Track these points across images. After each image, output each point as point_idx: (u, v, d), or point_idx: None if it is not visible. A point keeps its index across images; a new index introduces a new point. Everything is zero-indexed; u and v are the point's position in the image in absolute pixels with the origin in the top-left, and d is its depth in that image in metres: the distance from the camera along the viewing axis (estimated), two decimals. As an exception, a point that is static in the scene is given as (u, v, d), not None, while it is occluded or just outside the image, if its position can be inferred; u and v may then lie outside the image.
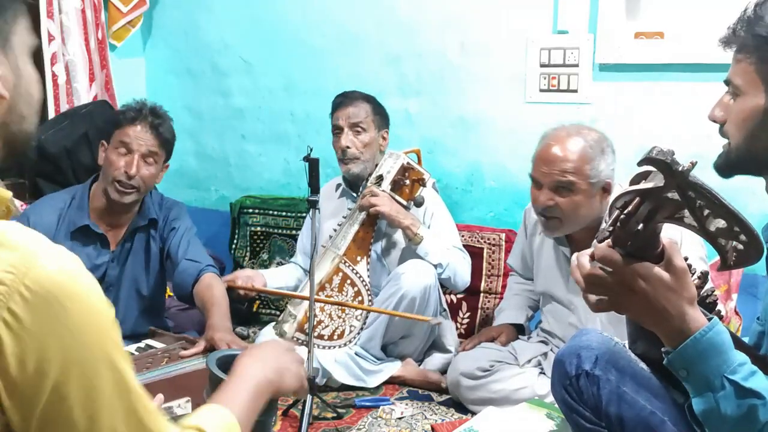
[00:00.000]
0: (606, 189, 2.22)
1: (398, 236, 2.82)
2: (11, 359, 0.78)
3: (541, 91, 3.00)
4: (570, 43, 2.91)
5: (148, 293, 2.59)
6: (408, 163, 2.78)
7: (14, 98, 0.96)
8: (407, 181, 2.77)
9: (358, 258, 2.77)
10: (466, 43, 3.14)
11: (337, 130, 2.86)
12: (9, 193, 0.92)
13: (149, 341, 2.38)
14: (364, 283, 2.75)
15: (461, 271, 2.73)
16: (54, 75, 3.29)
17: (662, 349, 1.14)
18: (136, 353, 2.26)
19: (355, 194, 2.90)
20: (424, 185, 2.79)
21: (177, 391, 2.00)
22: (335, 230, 2.84)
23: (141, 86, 3.99)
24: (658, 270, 1.08)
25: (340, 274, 2.74)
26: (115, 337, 0.87)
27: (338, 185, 2.99)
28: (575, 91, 2.91)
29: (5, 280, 0.79)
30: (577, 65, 2.92)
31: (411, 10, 3.23)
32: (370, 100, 2.90)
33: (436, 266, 2.66)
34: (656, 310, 1.10)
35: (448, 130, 3.23)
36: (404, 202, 2.76)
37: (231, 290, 2.66)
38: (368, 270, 2.78)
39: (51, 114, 3.29)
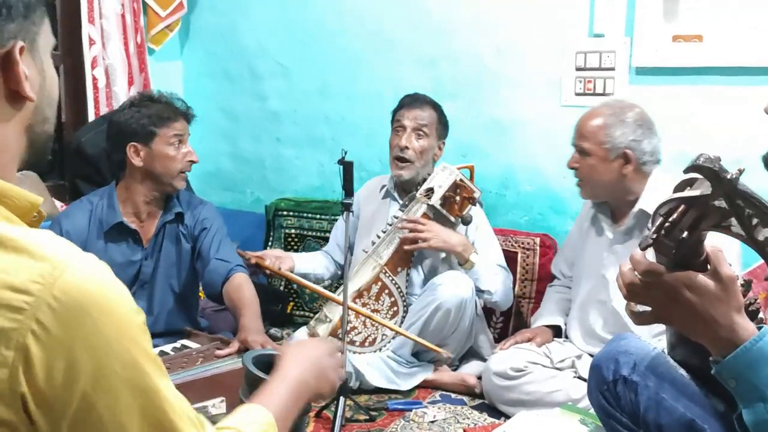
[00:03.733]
0: (627, 158, 2.33)
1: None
2: (39, 370, 0.78)
3: (577, 94, 2.99)
4: (606, 47, 2.90)
5: (181, 289, 2.62)
6: (461, 180, 2.73)
7: (40, 100, 0.95)
8: (457, 198, 2.73)
9: (399, 269, 2.76)
10: (502, 46, 3.13)
11: (399, 128, 2.83)
12: (40, 199, 0.91)
13: (185, 341, 2.42)
14: (401, 293, 2.74)
15: (508, 294, 2.77)
16: (94, 78, 3.34)
17: (710, 359, 1.12)
18: (172, 353, 2.29)
19: (401, 200, 2.88)
20: (474, 204, 2.75)
21: (212, 391, 2.02)
22: (379, 237, 2.81)
23: (178, 89, 4.02)
24: (704, 279, 1.06)
25: (380, 283, 2.74)
26: (145, 345, 0.86)
27: (383, 186, 2.97)
28: (611, 94, 2.88)
29: (33, 291, 0.78)
30: (613, 69, 2.90)
31: (446, 13, 3.24)
32: (437, 107, 2.87)
33: (484, 292, 2.69)
34: (703, 321, 1.07)
35: (482, 134, 3.23)
36: (452, 219, 2.74)
37: (258, 267, 2.71)
38: (407, 281, 2.78)
39: (91, 117, 3.34)
